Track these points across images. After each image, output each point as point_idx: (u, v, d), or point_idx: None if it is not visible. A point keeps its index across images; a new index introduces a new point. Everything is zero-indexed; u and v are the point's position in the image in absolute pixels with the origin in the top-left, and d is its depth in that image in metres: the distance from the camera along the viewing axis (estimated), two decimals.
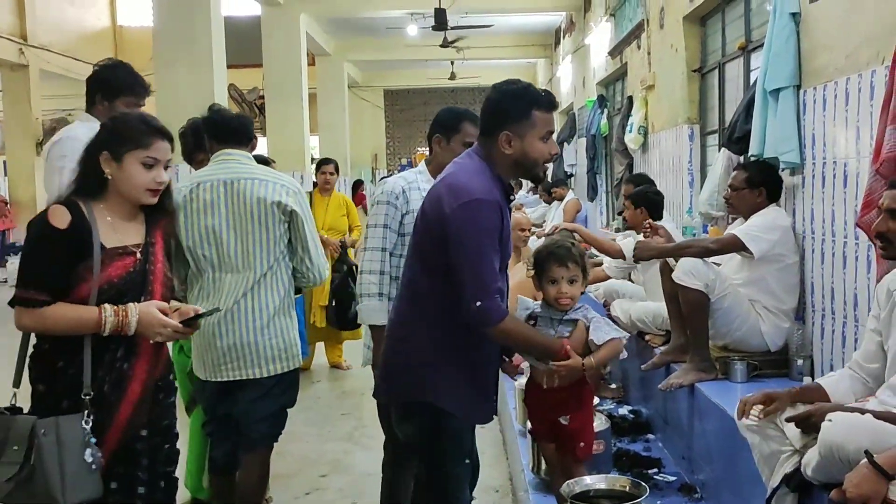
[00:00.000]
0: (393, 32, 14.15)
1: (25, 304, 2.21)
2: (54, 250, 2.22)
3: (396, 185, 3.02)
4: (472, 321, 2.40)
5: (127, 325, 2.22)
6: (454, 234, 2.38)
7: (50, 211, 2.24)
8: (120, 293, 2.27)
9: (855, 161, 3.32)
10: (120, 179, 2.30)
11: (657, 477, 3.74)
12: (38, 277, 2.22)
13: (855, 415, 2.27)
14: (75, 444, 2.18)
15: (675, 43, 6.24)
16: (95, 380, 2.25)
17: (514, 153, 2.46)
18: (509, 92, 2.50)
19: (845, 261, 3.42)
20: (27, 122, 13.37)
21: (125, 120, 2.38)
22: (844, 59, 3.39)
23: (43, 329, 2.25)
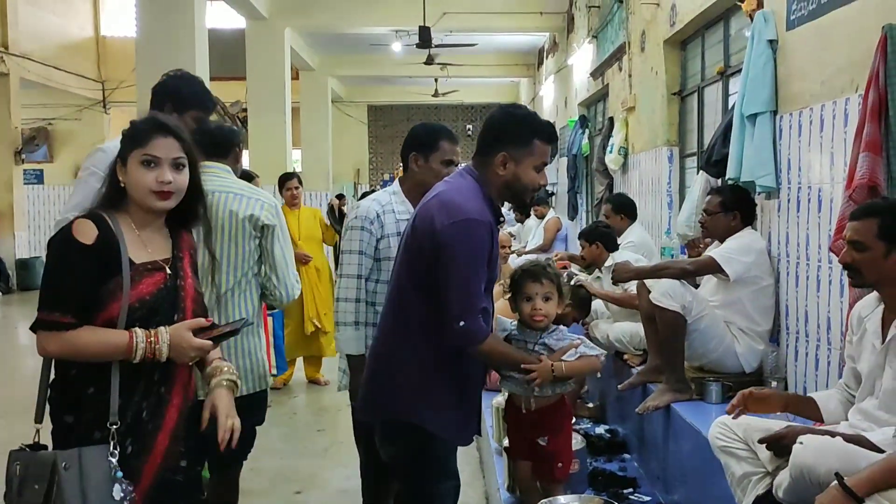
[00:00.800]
0: (377, 49, 14.20)
1: (49, 328, 2.00)
2: (80, 268, 2.01)
3: (370, 209, 2.96)
4: (456, 340, 2.40)
5: (159, 350, 2.03)
6: (443, 252, 2.38)
7: (74, 225, 2.03)
8: (152, 311, 2.08)
9: (829, 186, 3.37)
10: (129, 185, 2.10)
11: (632, 497, 3.75)
12: (63, 298, 2.00)
13: (825, 437, 2.30)
14: (101, 479, 1.95)
15: (656, 66, 6.32)
16: (130, 406, 2.05)
17: (507, 175, 2.48)
18: (515, 115, 2.54)
19: (819, 284, 3.46)
20: (6, 131, 13.27)
21: (132, 122, 2.19)
22: (820, 85, 3.45)
23: (69, 355, 2.02)
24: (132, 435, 2.04)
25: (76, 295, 2.01)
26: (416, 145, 2.99)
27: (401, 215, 2.96)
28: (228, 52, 12.95)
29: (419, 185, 2.91)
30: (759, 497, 2.52)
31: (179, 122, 2.84)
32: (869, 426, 2.38)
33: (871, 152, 2.86)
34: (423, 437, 2.48)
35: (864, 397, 2.48)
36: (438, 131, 3.02)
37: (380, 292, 2.90)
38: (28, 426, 2.02)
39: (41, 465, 1.96)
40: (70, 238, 2.01)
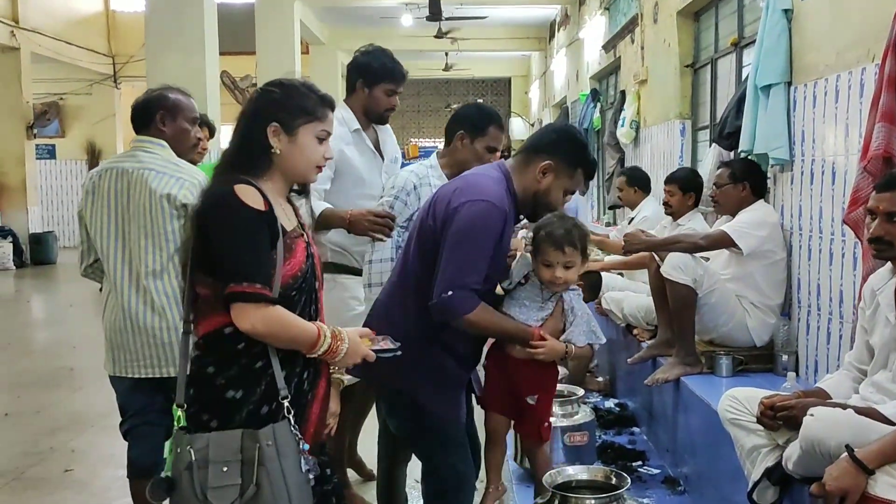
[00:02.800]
0: (387, 22, 14.10)
1: (255, 300, 1.83)
2: (260, 237, 1.87)
3: (408, 181, 2.97)
4: (440, 309, 2.38)
5: (339, 351, 1.96)
6: (454, 227, 2.39)
7: (239, 191, 1.87)
8: (305, 280, 1.99)
9: (843, 158, 3.33)
10: (291, 155, 1.98)
11: (641, 469, 3.76)
12: (258, 269, 1.84)
13: (836, 410, 2.29)
14: (292, 453, 1.87)
15: (669, 38, 6.25)
16: (292, 378, 1.95)
17: (542, 185, 2.52)
18: (577, 140, 2.63)
19: (832, 257, 3.43)
20: (18, 106, 13.29)
21: (295, 88, 2.03)
22: (835, 56, 3.39)
23: (269, 333, 1.87)
24: (296, 406, 1.94)
25: (268, 266, 1.87)
26: (466, 124, 2.99)
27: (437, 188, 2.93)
28: (238, 27, 12.89)
29: (459, 164, 2.95)
30: (768, 469, 2.52)
31: (370, 97, 3.19)
32: (881, 399, 2.37)
33: (887, 123, 2.81)
34: (417, 409, 2.50)
35: (877, 370, 2.46)
36: (492, 116, 3.03)
37: None
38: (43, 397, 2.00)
39: (223, 445, 1.85)
40: (243, 206, 1.86)
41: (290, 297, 1.93)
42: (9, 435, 4.83)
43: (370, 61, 3.25)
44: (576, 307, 2.60)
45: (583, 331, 2.58)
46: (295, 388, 1.95)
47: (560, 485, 2.52)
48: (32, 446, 4.58)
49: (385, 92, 3.24)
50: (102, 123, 16.63)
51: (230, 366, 1.90)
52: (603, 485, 2.55)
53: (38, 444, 4.61)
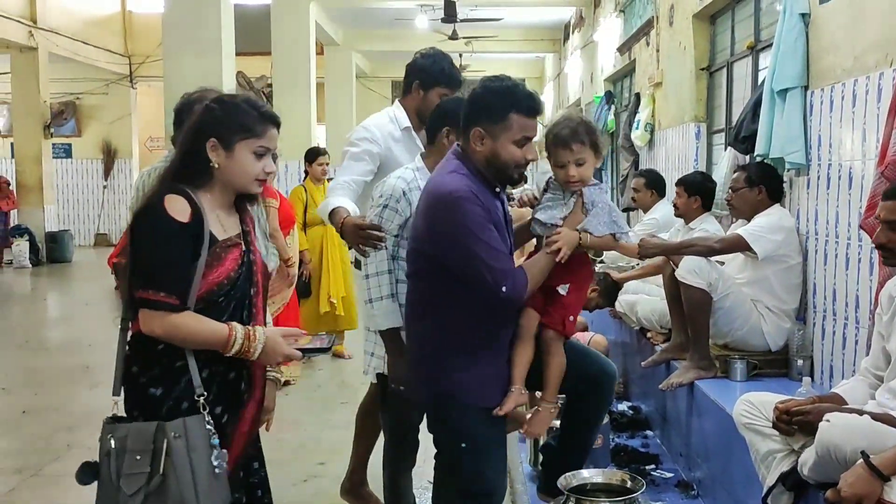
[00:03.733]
0: (402, 24, 14.12)
1: (157, 308, 1.98)
2: (178, 248, 2.00)
3: (396, 187, 2.81)
4: (509, 304, 2.45)
5: (253, 349, 2.05)
6: (444, 235, 2.40)
7: (167, 202, 2.01)
8: (234, 288, 2.10)
9: (860, 163, 3.32)
10: (229, 169, 2.10)
11: (654, 473, 3.76)
12: (167, 278, 1.98)
13: (853, 416, 2.28)
14: (202, 447, 1.99)
15: (684, 41, 6.24)
16: (216, 377, 2.09)
17: (485, 151, 2.45)
18: (491, 89, 2.47)
19: (848, 262, 3.42)
20: (35, 105, 13.40)
21: (235, 104, 2.14)
22: (852, 60, 3.39)
23: (172, 337, 2.01)
24: (223, 403, 2.09)
25: (179, 275, 1.99)
26: (450, 120, 2.79)
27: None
28: (254, 28, 12.93)
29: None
30: (783, 474, 2.52)
31: (424, 99, 3.11)
32: None
33: None
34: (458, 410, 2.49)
35: (894, 377, 2.45)
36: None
37: None
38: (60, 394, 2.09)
39: (140, 435, 1.98)
40: (165, 216, 1.99)
41: (216, 303, 2.06)
42: (27, 431, 4.88)
43: (429, 65, 3.19)
44: (596, 200, 2.59)
45: (602, 221, 2.55)
46: (228, 387, 2.10)
47: (575, 488, 2.52)
48: (50, 443, 4.62)
49: (439, 96, 3.15)
50: (118, 123, 16.74)
51: (152, 366, 2.06)
52: (618, 488, 2.55)
53: (55, 440, 4.66)
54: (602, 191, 2.63)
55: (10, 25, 12.38)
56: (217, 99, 2.17)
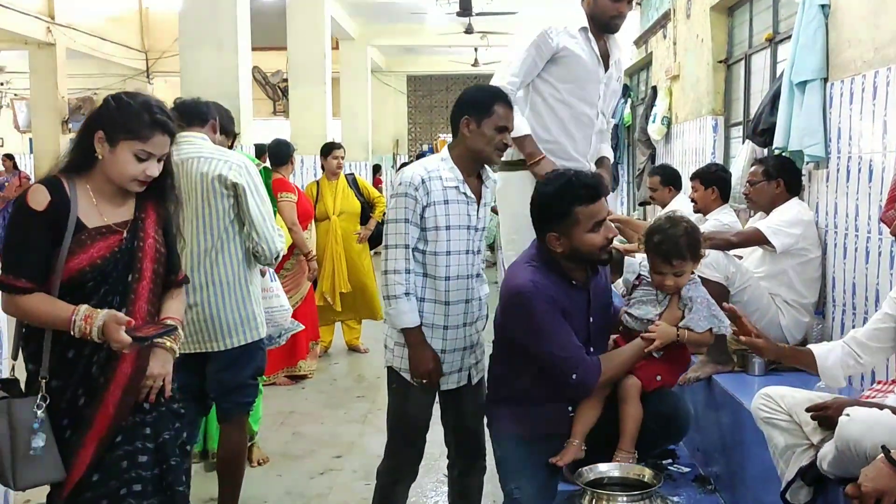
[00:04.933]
0: (417, 18, 14.10)
1: (6, 290, 2.17)
2: (33, 234, 2.15)
3: (415, 175, 2.78)
4: (579, 392, 2.65)
5: (90, 331, 2.13)
6: (515, 326, 2.66)
7: (29, 192, 2.17)
8: (104, 274, 2.20)
9: (881, 156, 3.29)
10: (109, 163, 2.21)
11: (672, 468, 3.73)
12: (18, 263, 2.16)
13: (873, 410, 2.26)
14: (27, 428, 2.13)
15: (702, 33, 6.19)
16: (80, 361, 2.21)
17: (565, 250, 2.63)
18: (549, 193, 2.66)
19: (868, 256, 3.39)
20: (54, 101, 13.47)
21: (128, 104, 2.23)
22: (873, 52, 3.35)
23: (21, 317, 2.22)
24: (83, 387, 2.21)
25: (29, 260, 2.15)
26: (469, 108, 2.80)
27: (448, 182, 2.79)
28: (269, 23, 12.95)
29: (470, 152, 2.81)
30: (802, 469, 2.50)
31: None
32: None
33: None
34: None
35: None
36: (495, 94, 2.84)
37: (429, 263, 2.80)
38: None
39: None
40: (24, 205, 2.15)
41: (83, 286, 2.18)
42: None
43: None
44: (693, 296, 2.68)
45: (703, 316, 2.67)
46: (82, 370, 2.20)
47: (592, 481, 2.51)
48: None
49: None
50: None
51: (29, 342, 2.25)
52: (635, 482, 2.54)
53: None
54: (697, 285, 2.74)
55: (29, 22, 12.46)
56: (116, 96, 2.28)
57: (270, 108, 16.10)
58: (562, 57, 3.43)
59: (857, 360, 2.60)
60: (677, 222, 2.72)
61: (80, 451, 2.21)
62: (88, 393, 2.22)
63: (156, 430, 2.34)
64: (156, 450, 2.32)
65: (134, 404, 2.29)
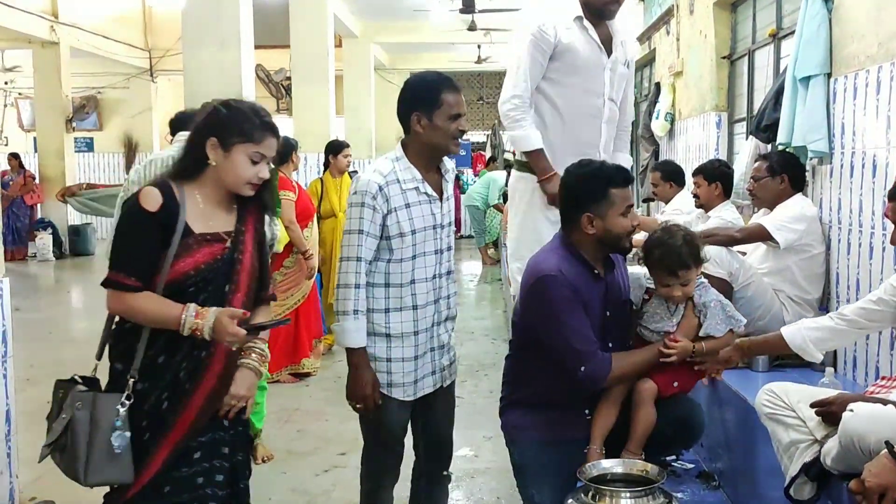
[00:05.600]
0: (420, 15, 14.09)
1: (115, 287, 2.18)
2: (144, 235, 2.18)
3: (371, 183, 2.58)
4: (585, 385, 2.63)
5: (201, 328, 2.16)
6: (534, 311, 2.66)
7: (142, 193, 2.19)
8: (206, 280, 2.22)
9: (885, 151, 3.28)
10: (223, 168, 2.24)
11: (675, 464, 3.73)
12: (128, 262, 2.18)
13: (877, 405, 2.26)
14: (107, 425, 2.14)
15: (705, 29, 6.18)
16: (171, 366, 2.23)
17: (598, 232, 2.64)
18: (583, 174, 2.68)
19: (872, 251, 3.38)
20: (58, 99, 13.51)
21: (239, 109, 2.28)
22: (877, 47, 3.34)
23: (128, 315, 2.22)
24: (168, 391, 2.23)
25: (139, 260, 2.17)
26: (416, 103, 2.61)
27: (407, 184, 2.63)
28: (273, 21, 12.97)
29: (427, 148, 2.64)
30: (805, 464, 2.50)
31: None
32: None
33: None
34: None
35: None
36: (439, 82, 2.63)
37: (393, 272, 2.63)
38: None
39: (73, 399, 2.19)
40: (136, 206, 2.17)
41: (185, 292, 2.20)
42: None
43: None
44: (706, 301, 2.70)
45: (720, 319, 2.69)
46: (171, 375, 2.22)
47: (595, 478, 2.51)
48: None
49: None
50: (139, 117, 16.85)
51: (120, 342, 2.27)
52: (638, 478, 2.54)
53: None
54: (707, 288, 2.75)
55: (33, 20, 12.48)
56: (224, 103, 2.30)
57: (274, 106, 16.10)
58: (561, 51, 3.38)
59: (837, 328, 2.64)
60: (674, 233, 2.72)
61: (154, 454, 2.21)
62: (172, 398, 2.23)
63: (232, 450, 2.38)
64: (230, 469, 2.36)
65: (213, 418, 2.31)
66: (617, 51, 3.50)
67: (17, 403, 3.62)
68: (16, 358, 3.60)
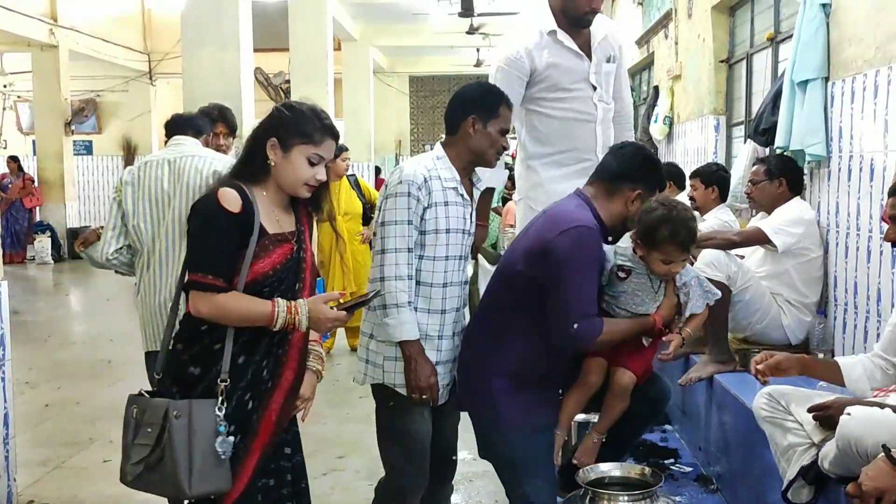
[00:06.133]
0: (419, 18, 14.12)
1: (204, 289, 2.11)
2: (227, 236, 2.14)
3: (417, 174, 2.57)
4: (571, 343, 2.53)
5: (299, 321, 2.15)
6: (557, 260, 2.50)
7: (221, 194, 2.15)
8: (279, 280, 2.21)
9: (882, 154, 3.29)
10: (282, 169, 2.23)
11: (673, 468, 3.75)
12: (214, 263, 2.13)
13: (874, 409, 2.26)
14: (207, 431, 2.07)
15: (703, 33, 6.19)
16: (251, 365, 2.19)
17: (632, 212, 2.63)
18: (629, 154, 2.69)
19: (869, 255, 3.39)
20: (56, 102, 13.51)
21: (302, 112, 2.27)
22: (874, 51, 3.35)
23: (217, 317, 2.13)
24: (252, 391, 2.19)
25: (224, 261, 2.14)
26: (474, 107, 2.65)
27: (447, 182, 2.63)
28: (272, 24, 12.98)
29: (471, 153, 2.67)
30: (803, 468, 2.50)
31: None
32: None
33: None
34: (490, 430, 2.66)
35: None
36: (501, 95, 2.72)
37: (424, 269, 2.61)
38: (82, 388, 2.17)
39: (155, 410, 2.10)
40: (218, 207, 2.14)
41: (261, 293, 2.17)
42: (50, 425, 4.94)
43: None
44: (687, 279, 2.67)
45: (699, 296, 2.66)
46: (253, 374, 2.19)
47: (593, 481, 2.52)
48: (73, 436, 4.68)
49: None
50: (138, 120, 16.86)
51: (194, 344, 2.18)
52: (636, 482, 2.54)
53: (78, 434, 4.71)
54: (687, 267, 2.70)
55: (32, 24, 12.49)
56: (286, 104, 2.31)
57: None
58: (540, 74, 3.32)
59: (887, 372, 2.56)
60: (675, 206, 2.63)
61: (245, 460, 2.18)
62: (256, 398, 2.20)
63: (293, 450, 2.39)
64: (292, 469, 2.37)
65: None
66: (597, 53, 3.41)
67: (16, 406, 3.62)
68: (14, 361, 3.60)
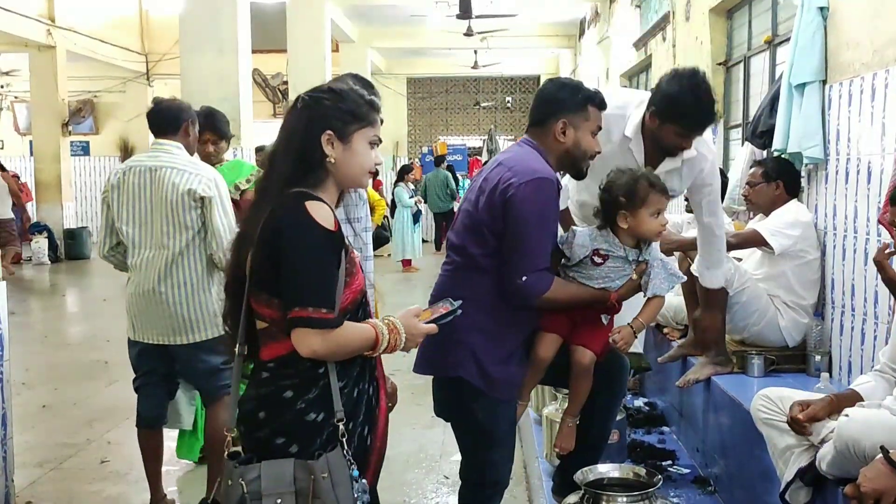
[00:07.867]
0: (417, 20, 14.13)
1: (318, 326, 1.77)
2: (331, 259, 1.82)
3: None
4: (518, 295, 2.47)
5: (399, 340, 1.90)
6: (515, 211, 2.43)
7: (315, 211, 1.81)
8: (364, 298, 1.97)
9: (879, 157, 3.30)
10: (346, 162, 1.90)
11: (671, 469, 3.75)
12: (326, 294, 1.79)
13: (872, 411, 2.28)
14: (344, 482, 1.80)
15: (701, 36, 6.20)
16: (364, 394, 1.94)
17: (568, 143, 2.55)
18: (567, 85, 2.63)
19: (866, 257, 3.40)
20: (54, 103, 13.51)
21: (346, 93, 1.94)
22: (872, 54, 3.36)
23: (331, 354, 1.82)
24: (368, 422, 1.95)
25: (331, 288, 1.81)
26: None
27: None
28: (270, 25, 12.98)
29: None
30: (801, 469, 2.51)
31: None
32: None
33: None
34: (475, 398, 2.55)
35: None
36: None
37: None
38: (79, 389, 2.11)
39: (279, 476, 1.78)
40: (314, 224, 1.79)
41: (353, 314, 1.91)
42: (47, 426, 4.93)
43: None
44: (651, 258, 2.64)
45: (663, 278, 2.62)
46: (366, 404, 1.94)
47: (591, 483, 2.52)
48: (70, 437, 4.67)
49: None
50: (135, 121, 16.82)
51: (309, 388, 1.84)
52: (634, 483, 2.55)
53: (75, 435, 4.70)
54: (653, 247, 2.68)
55: (29, 24, 12.49)
56: (324, 88, 1.96)
57: (270, 111, 16.11)
58: None
59: (890, 381, 2.54)
60: (629, 168, 2.69)
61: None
62: (371, 428, 1.96)
63: None
64: None
65: None
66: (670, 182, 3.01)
67: (13, 407, 3.61)
68: (11, 362, 3.59)
